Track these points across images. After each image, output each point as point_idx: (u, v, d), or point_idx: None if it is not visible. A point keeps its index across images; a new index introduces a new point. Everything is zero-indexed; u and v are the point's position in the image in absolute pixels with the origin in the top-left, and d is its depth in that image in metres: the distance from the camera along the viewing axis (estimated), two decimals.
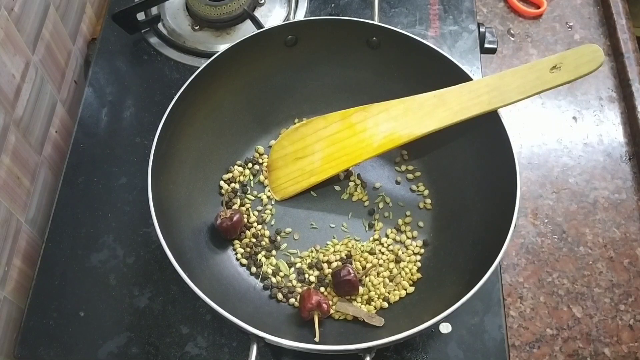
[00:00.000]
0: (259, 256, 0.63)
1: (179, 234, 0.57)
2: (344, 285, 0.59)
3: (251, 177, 0.69)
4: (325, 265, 0.62)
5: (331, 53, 0.67)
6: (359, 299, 0.61)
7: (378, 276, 0.62)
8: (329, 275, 0.61)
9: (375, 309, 0.60)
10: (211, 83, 0.63)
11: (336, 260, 0.63)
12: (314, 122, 0.65)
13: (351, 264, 0.62)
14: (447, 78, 0.60)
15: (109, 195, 0.68)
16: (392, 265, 0.62)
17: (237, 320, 0.49)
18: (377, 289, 0.61)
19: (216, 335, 0.60)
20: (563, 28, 0.88)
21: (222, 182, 0.67)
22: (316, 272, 0.62)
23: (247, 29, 0.80)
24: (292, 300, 0.60)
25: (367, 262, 0.63)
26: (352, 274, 0.58)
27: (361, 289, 0.61)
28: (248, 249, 0.64)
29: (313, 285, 0.61)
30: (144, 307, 0.62)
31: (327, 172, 0.65)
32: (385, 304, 0.60)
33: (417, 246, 0.64)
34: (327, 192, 0.68)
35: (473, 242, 0.59)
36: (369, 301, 0.60)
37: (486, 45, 0.77)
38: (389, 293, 0.60)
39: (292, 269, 0.63)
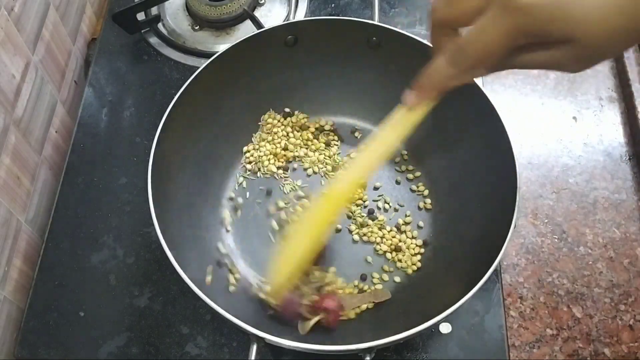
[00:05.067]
0: None
1: (179, 234, 0.57)
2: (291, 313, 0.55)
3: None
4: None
5: (331, 53, 0.67)
6: (378, 239, 0.64)
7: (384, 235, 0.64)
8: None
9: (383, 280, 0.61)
10: (211, 83, 0.63)
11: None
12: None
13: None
14: None
15: (109, 195, 0.68)
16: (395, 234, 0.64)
17: (237, 320, 0.49)
18: (387, 240, 0.64)
19: (216, 335, 0.60)
20: None
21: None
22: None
23: (247, 29, 0.80)
24: None
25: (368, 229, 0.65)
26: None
27: (387, 235, 0.64)
28: None
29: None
30: (144, 307, 0.62)
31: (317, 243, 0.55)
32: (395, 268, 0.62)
33: (417, 246, 0.64)
34: None
35: (473, 242, 0.59)
36: (397, 249, 0.63)
37: None
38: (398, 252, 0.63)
39: None
